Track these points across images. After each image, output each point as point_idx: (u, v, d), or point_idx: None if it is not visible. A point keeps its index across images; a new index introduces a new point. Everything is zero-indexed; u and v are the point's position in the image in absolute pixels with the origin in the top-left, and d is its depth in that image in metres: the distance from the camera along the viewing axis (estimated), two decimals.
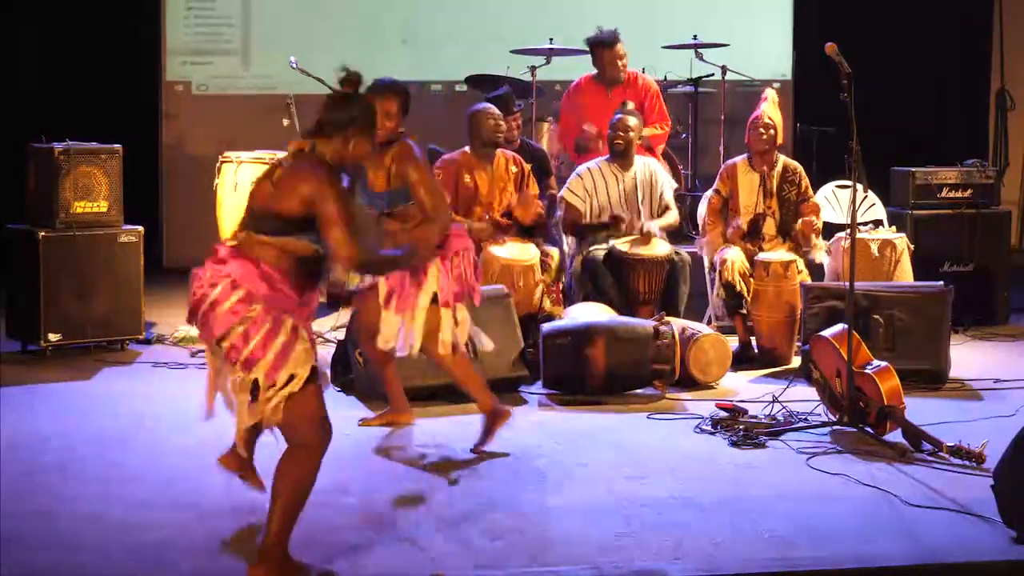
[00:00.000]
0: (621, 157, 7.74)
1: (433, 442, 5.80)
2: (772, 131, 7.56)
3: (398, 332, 5.65)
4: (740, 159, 7.71)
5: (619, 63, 8.50)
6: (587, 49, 8.85)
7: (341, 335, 6.97)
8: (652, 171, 7.83)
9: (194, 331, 8.00)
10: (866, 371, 5.78)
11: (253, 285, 4.17)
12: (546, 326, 6.81)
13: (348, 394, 6.60)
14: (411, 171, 5.70)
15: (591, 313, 7.05)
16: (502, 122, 7.61)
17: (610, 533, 4.66)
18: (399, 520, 4.73)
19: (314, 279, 4.31)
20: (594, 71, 8.67)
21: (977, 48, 11.68)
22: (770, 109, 7.58)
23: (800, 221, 7.54)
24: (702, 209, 7.80)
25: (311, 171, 4.23)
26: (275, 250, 4.21)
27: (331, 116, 4.39)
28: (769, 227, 7.65)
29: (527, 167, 7.69)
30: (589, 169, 7.79)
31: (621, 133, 7.71)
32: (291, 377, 4.17)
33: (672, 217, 7.84)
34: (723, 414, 6.03)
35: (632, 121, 7.76)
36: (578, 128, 8.54)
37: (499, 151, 7.62)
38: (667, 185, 7.89)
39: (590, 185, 7.71)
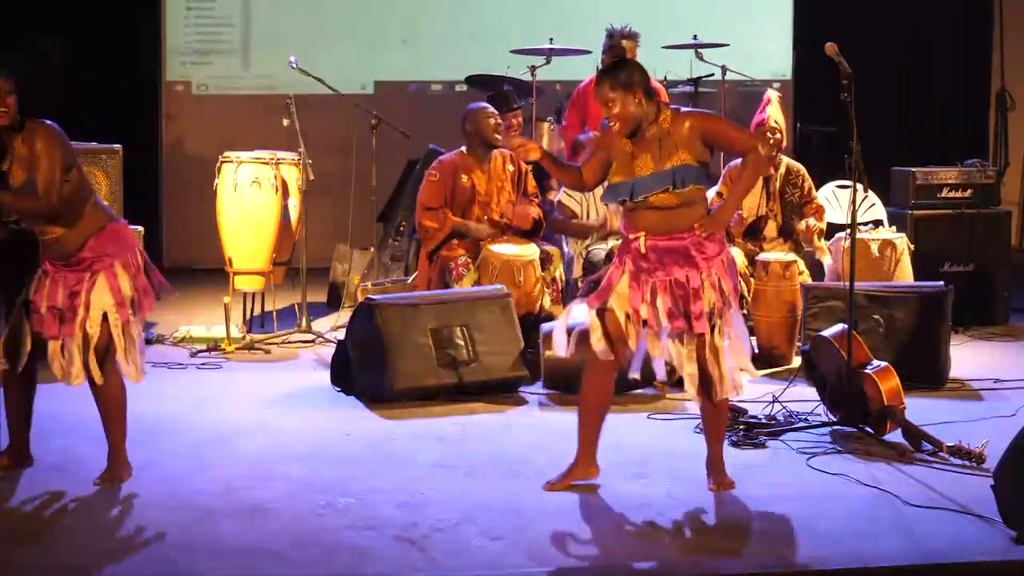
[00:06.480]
0: None
1: (434, 442, 5.81)
2: (778, 135, 7.56)
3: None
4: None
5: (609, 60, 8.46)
6: (587, 49, 8.81)
7: (341, 335, 6.97)
8: None
9: (194, 331, 8.03)
10: (866, 371, 5.77)
11: None
12: (546, 326, 6.81)
13: (348, 394, 6.60)
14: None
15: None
16: (501, 122, 7.61)
17: (610, 533, 4.66)
18: (399, 520, 4.73)
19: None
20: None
21: (977, 48, 11.68)
22: (775, 113, 7.55)
23: (804, 224, 7.52)
24: None
25: None
26: None
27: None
28: (770, 229, 7.65)
29: (525, 166, 7.68)
30: None
31: None
32: None
33: None
34: None
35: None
36: (579, 127, 8.53)
37: (496, 151, 7.62)
38: None
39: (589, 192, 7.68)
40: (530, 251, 7.36)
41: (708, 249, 4.99)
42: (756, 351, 7.42)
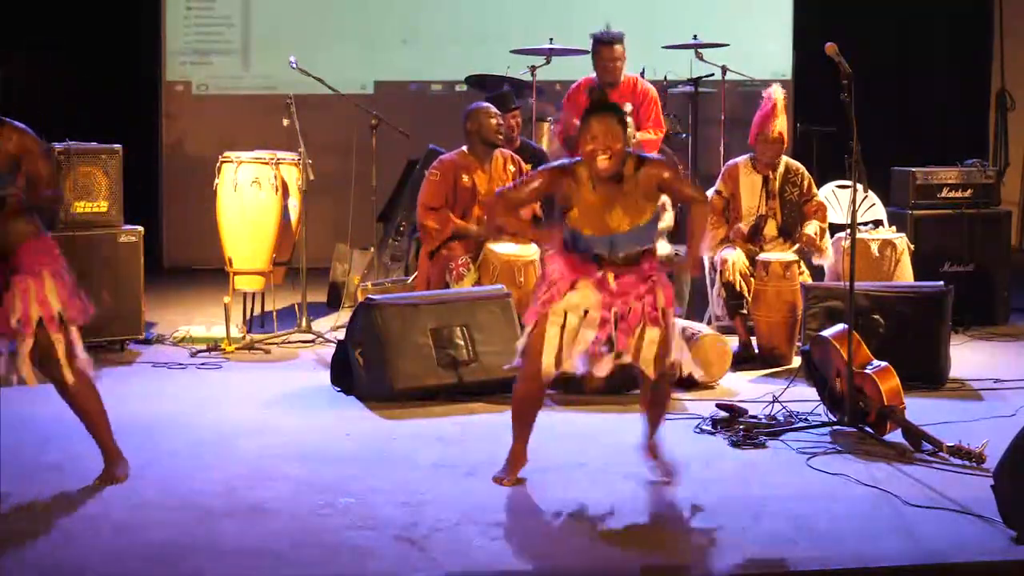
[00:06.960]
0: None
1: (434, 442, 5.81)
2: (780, 144, 7.56)
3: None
4: (743, 159, 7.69)
5: (612, 65, 8.35)
6: (587, 49, 8.79)
7: (341, 335, 6.97)
8: None
9: (194, 331, 8.02)
10: (866, 371, 5.78)
11: None
12: None
13: (348, 394, 6.60)
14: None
15: None
16: (502, 121, 7.61)
17: (610, 533, 4.66)
18: (399, 520, 4.73)
19: None
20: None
21: (977, 48, 11.69)
22: (780, 122, 7.51)
23: (804, 235, 7.50)
24: None
25: None
26: None
27: None
28: (770, 228, 7.64)
29: (526, 166, 7.68)
30: None
31: None
32: None
33: (669, 220, 7.82)
34: (723, 414, 6.02)
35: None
36: (573, 127, 8.51)
37: (497, 151, 7.62)
38: None
39: None
40: (531, 251, 7.35)
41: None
42: (756, 351, 7.44)
